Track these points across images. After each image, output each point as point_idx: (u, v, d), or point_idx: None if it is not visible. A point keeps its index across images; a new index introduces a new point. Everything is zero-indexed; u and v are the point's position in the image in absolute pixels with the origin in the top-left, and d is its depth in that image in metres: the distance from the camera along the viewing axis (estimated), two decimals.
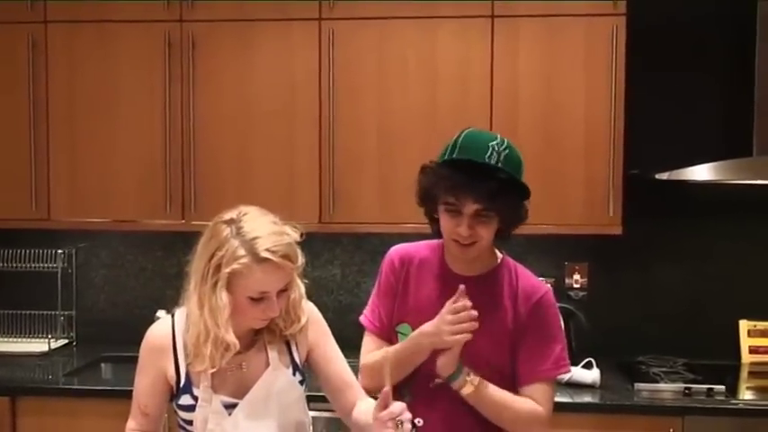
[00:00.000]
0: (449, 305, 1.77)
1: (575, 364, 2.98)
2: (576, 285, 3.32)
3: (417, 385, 1.90)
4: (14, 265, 3.39)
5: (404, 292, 1.95)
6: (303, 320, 1.86)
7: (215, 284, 1.72)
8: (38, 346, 3.33)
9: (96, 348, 3.33)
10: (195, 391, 1.81)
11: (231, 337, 1.75)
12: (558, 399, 2.78)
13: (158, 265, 3.45)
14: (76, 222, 3.18)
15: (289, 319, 1.84)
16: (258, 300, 1.75)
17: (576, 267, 3.32)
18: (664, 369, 3.02)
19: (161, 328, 1.87)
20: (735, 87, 3.12)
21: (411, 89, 3.02)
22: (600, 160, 2.97)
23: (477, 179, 1.75)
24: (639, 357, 3.15)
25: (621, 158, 2.97)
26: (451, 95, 3.00)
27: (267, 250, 1.71)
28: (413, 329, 1.89)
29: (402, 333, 1.93)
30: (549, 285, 2.00)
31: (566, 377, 2.88)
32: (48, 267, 3.38)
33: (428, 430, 1.89)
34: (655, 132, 3.19)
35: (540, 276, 3.28)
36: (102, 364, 3.28)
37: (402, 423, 1.64)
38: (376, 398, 1.79)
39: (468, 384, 1.80)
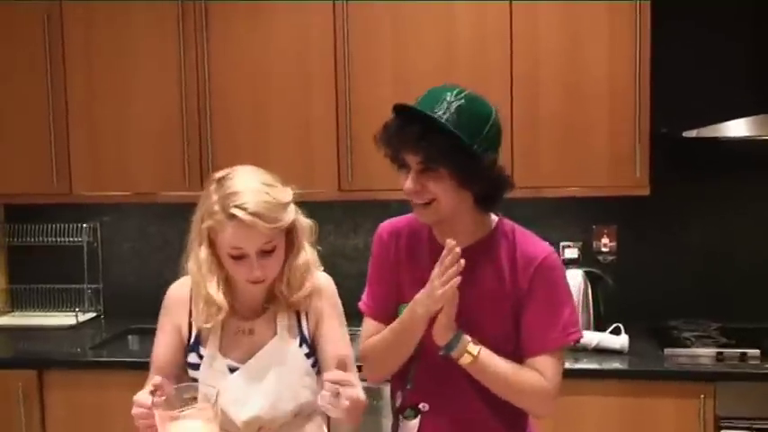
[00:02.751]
0: (438, 264, 1.66)
1: (602, 329, 2.92)
2: (604, 249, 3.23)
3: (419, 372, 1.80)
4: (41, 239, 3.44)
5: (397, 270, 1.84)
6: (307, 288, 1.81)
7: (201, 240, 1.75)
8: (65, 319, 3.37)
9: (123, 321, 3.35)
10: (202, 350, 1.82)
11: (219, 296, 1.76)
12: (586, 365, 2.74)
13: (182, 237, 3.42)
14: (97, 196, 3.18)
15: (291, 286, 1.80)
16: (238, 258, 1.72)
17: (605, 230, 3.23)
18: (696, 333, 2.93)
19: (180, 284, 1.89)
20: (765, 43, 2.97)
21: (428, 50, 2.94)
22: (625, 118, 2.86)
23: (406, 125, 1.65)
24: (671, 322, 3.06)
25: (648, 116, 2.85)
26: (470, 54, 2.91)
27: (237, 207, 1.68)
28: None
29: None
30: (551, 247, 1.81)
31: (593, 342, 2.82)
32: (73, 241, 3.42)
33: (434, 416, 1.80)
34: (682, 89, 3.06)
35: (567, 241, 3.23)
36: (129, 336, 3.31)
37: (339, 394, 1.59)
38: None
39: (468, 353, 1.68)
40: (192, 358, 1.83)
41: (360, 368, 1.88)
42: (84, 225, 3.40)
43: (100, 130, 3.13)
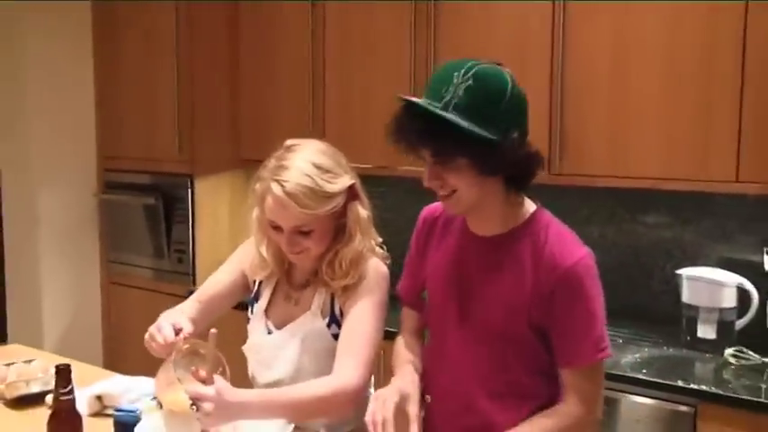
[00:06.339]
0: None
1: None
2: None
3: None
4: None
5: (425, 255, 1.81)
6: (350, 279, 1.80)
7: (255, 200, 1.83)
8: None
9: None
10: (255, 306, 1.95)
11: (267, 256, 1.87)
12: None
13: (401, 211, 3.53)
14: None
15: (334, 271, 1.81)
16: (276, 229, 1.79)
17: None
18: None
19: None
20: None
21: (649, 24, 2.68)
22: None
23: (409, 119, 1.53)
24: None
25: None
26: (696, 58, 2.59)
27: (277, 181, 1.72)
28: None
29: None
30: (587, 250, 1.64)
31: None
32: None
33: (438, 407, 1.77)
34: None
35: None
36: None
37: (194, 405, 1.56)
38: None
39: None
40: (249, 312, 1.97)
41: None
42: None
43: (350, 109, 3.44)
